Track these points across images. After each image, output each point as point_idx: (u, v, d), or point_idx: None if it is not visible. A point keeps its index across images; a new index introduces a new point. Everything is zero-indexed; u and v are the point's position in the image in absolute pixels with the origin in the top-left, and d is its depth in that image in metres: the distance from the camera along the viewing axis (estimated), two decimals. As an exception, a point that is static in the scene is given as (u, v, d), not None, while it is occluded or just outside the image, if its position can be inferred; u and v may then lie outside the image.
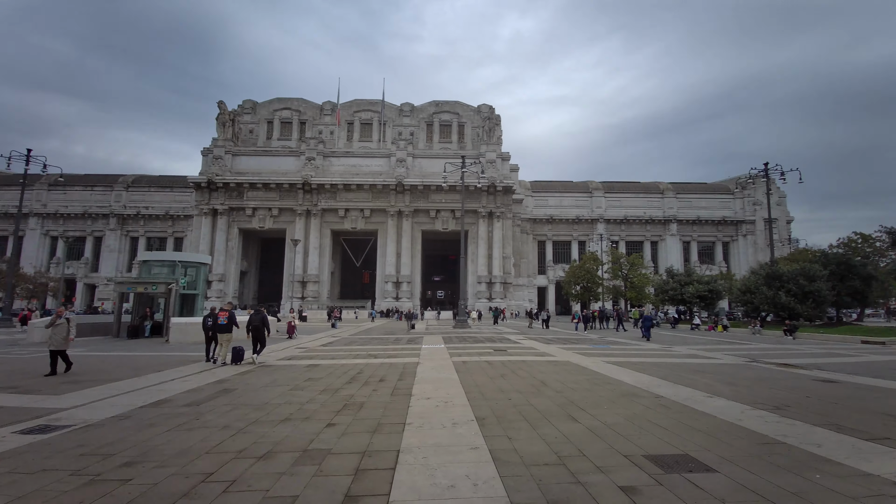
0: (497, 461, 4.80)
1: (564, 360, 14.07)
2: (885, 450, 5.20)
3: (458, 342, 20.56)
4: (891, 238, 36.04)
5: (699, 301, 45.09)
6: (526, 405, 7.64)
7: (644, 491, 4.04)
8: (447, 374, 11.07)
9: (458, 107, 71.07)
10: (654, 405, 7.65)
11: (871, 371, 12.46)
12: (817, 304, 33.58)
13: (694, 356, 15.89)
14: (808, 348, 20.26)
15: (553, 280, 72.06)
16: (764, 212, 62.94)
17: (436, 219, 63.29)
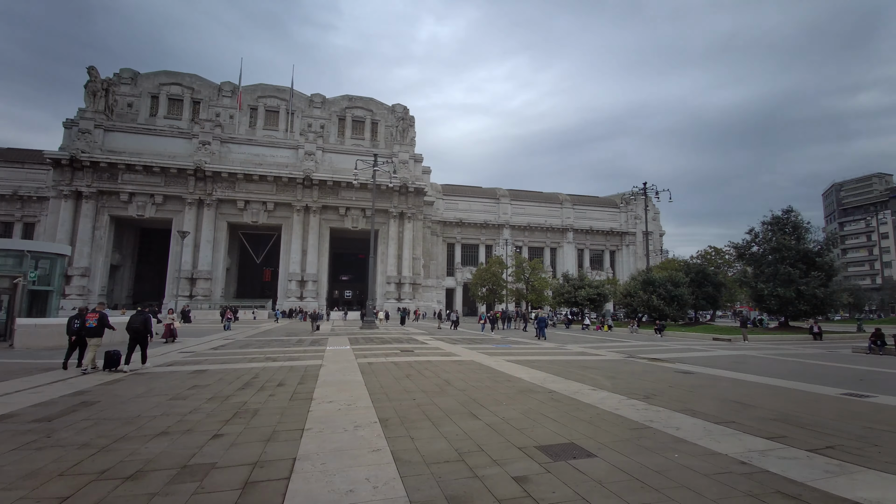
0: (398, 461, 4.78)
1: (469, 359, 14.53)
2: (731, 431, 6.17)
3: (364, 343, 20.15)
4: (736, 252, 43.34)
5: (590, 303, 49.77)
6: (430, 405, 7.73)
7: (534, 479, 4.32)
8: (352, 376, 10.78)
9: (372, 104, 69.60)
10: (547, 399, 8.23)
11: (719, 364, 14.78)
12: (681, 307, 39.19)
13: (583, 353, 17.45)
14: (673, 344, 23.41)
15: (461, 282, 74.20)
16: (643, 225, 71.60)
17: (345, 216, 61.48)
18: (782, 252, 33.60)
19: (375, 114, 68.70)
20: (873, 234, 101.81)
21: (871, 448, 5.43)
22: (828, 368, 14.29)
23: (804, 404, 8.22)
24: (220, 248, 57.59)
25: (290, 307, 54.72)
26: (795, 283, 32.12)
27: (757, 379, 11.35)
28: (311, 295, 58.29)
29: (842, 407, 8.03)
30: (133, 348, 11.51)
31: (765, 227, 36.35)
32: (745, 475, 4.49)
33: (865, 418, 7.10)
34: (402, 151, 63.65)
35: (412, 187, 62.08)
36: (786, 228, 34.86)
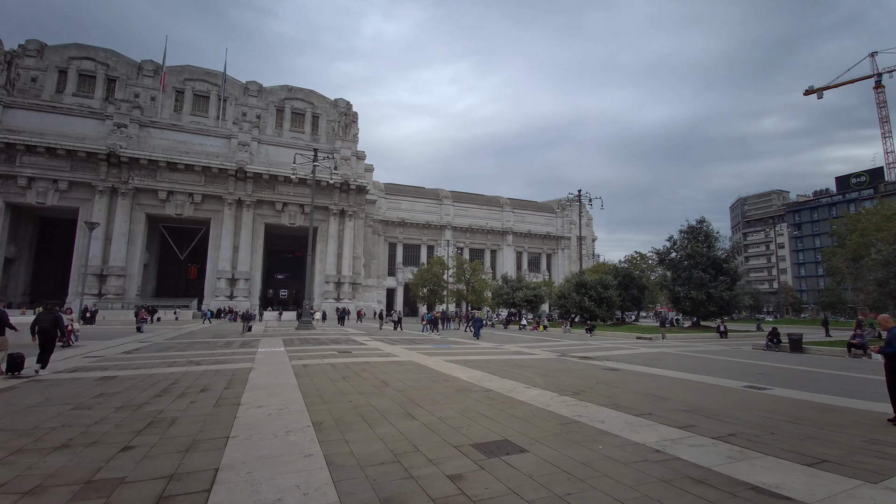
0: (332, 466, 4.63)
1: (408, 360, 14.47)
2: (648, 423, 6.66)
3: (300, 344, 19.38)
4: (658, 257, 47.07)
5: (527, 304, 51.57)
6: (367, 406, 7.59)
7: (469, 476, 4.38)
8: (284, 378, 10.31)
9: (313, 96, 67.06)
10: (484, 398, 8.39)
11: (641, 360, 15.93)
12: (609, 308, 41.84)
13: (519, 353, 18.02)
14: (601, 343, 24.89)
15: (402, 282, 73.82)
16: (577, 230, 75.47)
17: (282, 212, 58.80)
18: (696, 258, 36.96)
19: (317, 107, 66.36)
20: (771, 244, 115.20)
21: (768, 436, 6.11)
22: (732, 364, 15.92)
23: (711, 396, 9.08)
24: (136, 242, 52.69)
25: (219, 307, 51.29)
26: (706, 286, 35.46)
27: (672, 374, 12.38)
28: (243, 294, 55.11)
29: (743, 398, 8.97)
30: (47, 350, 10.46)
31: (682, 236, 39.76)
32: (659, 462, 4.87)
33: (763, 408, 7.98)
34: (345, 148, 62.13)
35: (354, 185, 60.79)
36: (699, 237, 38.38)
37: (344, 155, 61.28)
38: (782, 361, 17.04)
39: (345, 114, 64.59)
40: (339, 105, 66.44)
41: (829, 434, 6.23)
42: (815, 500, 3.93)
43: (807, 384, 11.39)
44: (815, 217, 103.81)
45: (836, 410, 7.95)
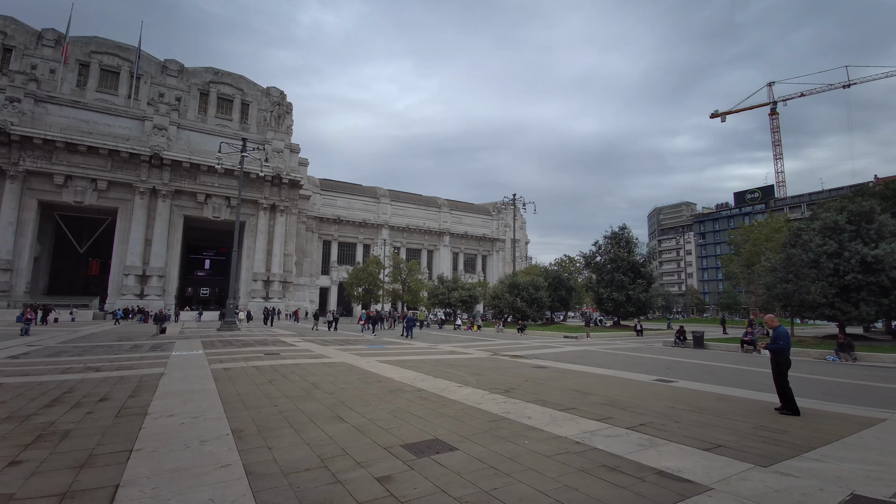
0: (251, 475, 4.36)
1: (340, 361, 14.07)
2: (571, 417, 7.03)
3: (221, 347, 18.11)
4: (585, 261, 50.05)
5: (462, 304, 52.38)
6: (294, 410, 7.26)
7: (397, 478, 4.34)
8: (202, 384, 9.56)
9: (243, 82, 62.55)
10: (416, 398, 8.38)
11: (567, 358, 16.80)
12: (540, 308, 43.71)
13: (453, 352, 18.24)
14: (532, 342, 25.93)
15: (336, 281, 71.77)
16: (511, 233, 78.11)
17: (205, 204, 54.64)
18: (618, 262, 39.79)
19: (247, 94, 62.13)
20: (681, 250, 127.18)
21: (674, 424, 6.70)
22: (645, 359, 17.31)
23: (627, 389, 9.80)
24: (26, 232, 46.30)
25: (127, 306, 46.46)
26: (626, 288, 38.30)
27: (594, 370, 13.21)
28: (156, 292, 50.43)
29: (653, 391, 9.78)
30: None
31: (606, 241, 42.59)
32: (578, 453, 5.16)
33: (669, 399, 8.74)
34: (277, 139, 59.16)
35: (287, 178, 58.06)
36: (621, 243, 41.35)
37: (276, 147, 58.34)
38: (687, 356, 18.85)
39: (278, 103, 61.46)
40: (271, 94, 62.89)
41: (725, 421, 6.98)
42: (711, 481, 4.37)
43: (707, 377, 12.69)
44: (717, 227, 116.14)
45: (730, 400, 8.93)
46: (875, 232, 24.09)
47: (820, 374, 14.11)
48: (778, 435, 6.24)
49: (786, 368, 7.79)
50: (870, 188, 55.56)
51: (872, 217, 24.71)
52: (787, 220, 50.59)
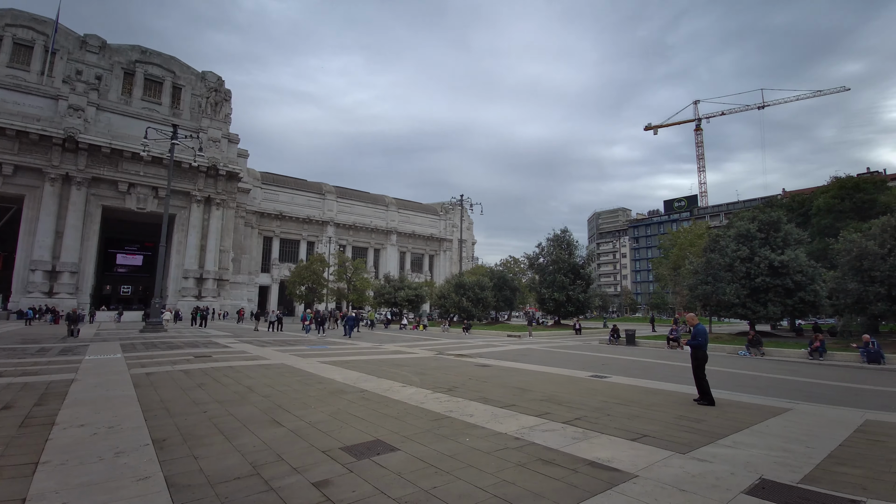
0: (173, 488, 4.04)
1: (279, 363, 13.49)
2: (511, 413, 7.19)
3: (145, 350, 16.72)
4: (528, 262, 51.70)
5: (408, 304, 52.14)
6: (225, 416, 6.83)
7: (335, 481, 4.21)
8: (119, 391, 8.76)
9: (174, 63, 57.77)
10: (358, 399, 8.21)
11: (510, 356, 17.23)
12: (485, 308, 44.55)
13: (398, 352, 18.10)
14: (476, 341, 26.33)
15: (278, 279, 68.77)
16: (458, 233, 78.96)
17: (128, 194, 50.20)
18: (559, 264, 41.45)
19: (179, 77, 57.64)
20: (617, 253, 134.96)
21: (606, 417, 7.06)
22: (583, 356, 18.16)
23: (565, 386, 10.21)
24: None
25: (35, 305, 41.61)
26: (566, 289, 40.00)
27: (535, 368, 13.65)
28: (68, 290, 45.61)
29: (589, 386, 10.27)
30: None
31: (549, 243, 44.23)
32: (517, 448, 5.29)
33: (603, 394, 9.22)
34: (214, 128, 55.68)
35: (224, 170, 54.80)
36: (562, 245, 43.12)
37: (212, 136, 54.89)
38: (621, 353, 20.02)
39: (215, 89, 57.76)
40: (207, 79, 58.87)
41: (651, 413, 7.47)
42: (637, 469, 4.65)
43: (637, 371, 13.54)
44: (648, 232, 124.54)
45: (656, 393, 9.58)
46: (782, 240, 26.91)
47: (733, 368, 15.53)
48: (696, 424, 6.78)
49: (703, 363, 8.48)
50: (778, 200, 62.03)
51: (779, 226, 27.58)
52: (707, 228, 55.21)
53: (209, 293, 53.61)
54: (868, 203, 40.77)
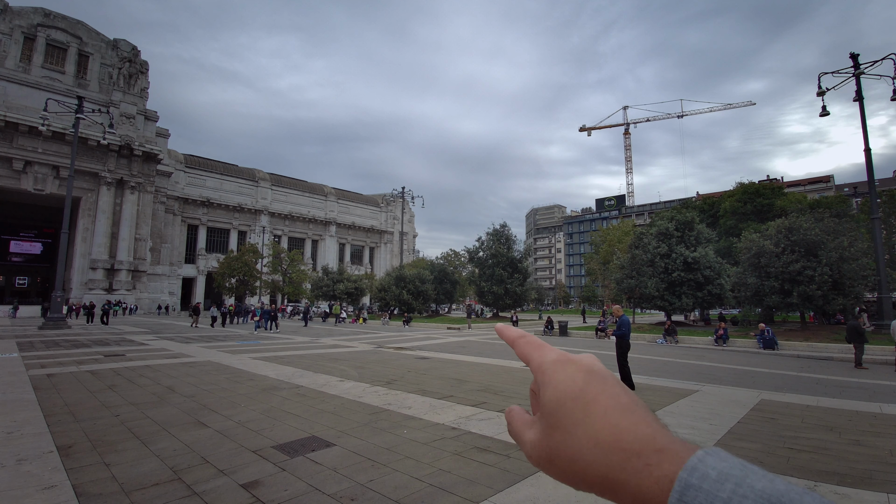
0: (83, 497, 3.69)
1: (204, 360, 12.66)
2: (449, 404, 7.32)
3: (45, 349, 14.95)
4: (469, 256, 52.64)
5: (348, 297, 51.06)
6: (141, 419, 6.31)
7: (266, 481, 4.06)
8: (16, 394, 7.78)
9: (81, 28, 51.18)
10: (293, 395, 7.94)
11: (449, 349, 17.48)
12: (425, 301, 44.73)
13: (336, 346, 17.70)
14: (416, 334, 26.42)
15: (204, 270, 64.27)
16: (400, 226, 78.40)
17: (24, 173, 44.37)
18: (498, 258, 42.63)
19: (87, 44, 51.25)
20: (553, 248, 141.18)
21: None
22: (517, 347, 18.83)
23: (500, 376, 10.57)
24: None
25: None
26: (505, 282, 41.27)
27: (474, 359, 13.98)
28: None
29: (523, 376, 10.71)
30: None
31: (488, 237, 45.30)
32: (453, 438, 5.42)
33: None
34: (128, 102, 50.57)
35: (140, 150, 50.00)
36: (501, 239, 44.35)
37: (126, 111, 49.85)
38: (553, 343, 20.88)
39: (129, 60, 52.19)
40: (120, 47, 52.93)
41: (578, 398, 7.94)
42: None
43: (567, 360, 14.31)
44: (581, 229, 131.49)
45: (583, 379, 10.19)
46: (694, 238, 29.65)
47: (651, 355, 16.94)
48: (618, 407, 7.31)
49: (627, 350, 9.18)
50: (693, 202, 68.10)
51: (693, 226, 30.36)
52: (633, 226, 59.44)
53: (123, 285, 48.87)
54: (767, 207, 46.03)
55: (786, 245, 23.51)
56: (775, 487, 0.30)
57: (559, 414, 0.41)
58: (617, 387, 0.41)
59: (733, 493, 0.30)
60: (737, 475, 0.31)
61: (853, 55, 21.03)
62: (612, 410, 0.39)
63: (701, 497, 0.31)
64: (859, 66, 20.83)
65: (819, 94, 21.86)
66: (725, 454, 0.34)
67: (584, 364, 0.44)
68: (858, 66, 20.85)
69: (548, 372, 0.44)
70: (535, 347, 0.48)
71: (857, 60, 20.92)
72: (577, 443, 0.39)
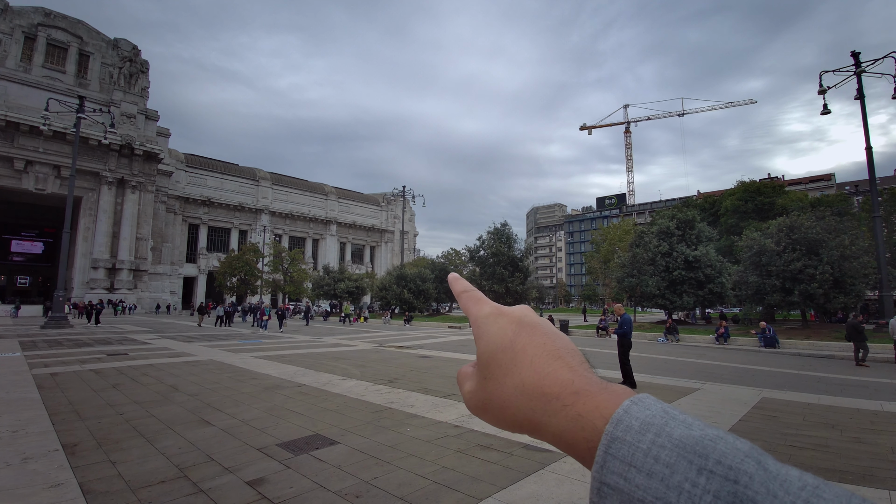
0: (90, 494, 3.72)
1: (207, 359, 12.71)
2: (451, 403, 7.35)
3: (48, 348, 15.01)
4: (470, 254, 52.69)
5: (349, 296, 51.13)
6: (146, 417, 6.35)
7: (271, 479, 4.09)
8: (20, 393, 7.82)
9: (82, 28, 51.11)
10: (296, 394, 7.97)
11: (450, 347, 17.52)
12: (426, 300, 44.81)
13: (338, 345, 17.74)
14: (418, 333, 26.46)
15: (205, 270, 64.35)
16: (400, 225, 78.41)
17: (25, 173, 44.41)
18: (499, 257, 42.64)
19: (88, 44, 51.22)
20: (553, 247, 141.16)
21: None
22: (518, 345, 18.86)
23: (502, 374, 10.59)
24: None
25: None
26: (505, 281, 41.28)
27: (474, 358, 13.98)
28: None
29: (524, 373, 10.72)
30: None
31: (489, 236, 45.29)
32: (456, 436, 5.45)
33: (536, 380, 9.66)
34: (128, 102, 50.58)
35: (141, 149, 50.03)
36: (502, 238, 44.35)
37: (127, 111, 49.88)
38: (554, 342, 21.05)
39: (129, 59, 52.20)
40: (121, 47, 52.92)
41: (579, 396, 7.97)
42: (566, 449, 4.97)
43: (568, 359, 14.33)
44: (582, 228, 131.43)
45: (585, 378, 10.21)
46: (695, 237, 29.64)
47: (652, 353, 16.96)
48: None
49: (628, 349, 9.20)
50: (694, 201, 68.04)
51: (694, 224, 30.34)
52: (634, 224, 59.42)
53: (124, 285, 48.94)
54: (768, 205, 45.99)
55: (787, 243, 23.50)
56: (691, 434, 0.31)
57: (491, 365, 0.44)
58: (545, 336, 0.43)
59: (652, 443, 0.31)
60: (657, 424, 0.32)
61: (854, 53, 21.01)
62: (537, 358, 0.41)
63: (624, 449, 0.32)
64: (860, 64, 20.81)
65: (820, 91, 21.84)
66: (651, 401, 0.35)
67: (515, 315, 0.46)
68: (860, 64, 20.82)
69: (482, 325, 0.46)
70: (474, 302, 0.50)
71: (859, 58, 20.90)
72: (506, 391, 0.41)
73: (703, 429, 0.32)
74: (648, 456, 0.31)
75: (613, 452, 0.32)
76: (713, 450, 0.30)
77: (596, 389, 0.38)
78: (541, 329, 0.44)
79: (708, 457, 0.30)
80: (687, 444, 0.30)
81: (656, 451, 0.30)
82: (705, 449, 0.30)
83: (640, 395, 0.36)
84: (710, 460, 0.30)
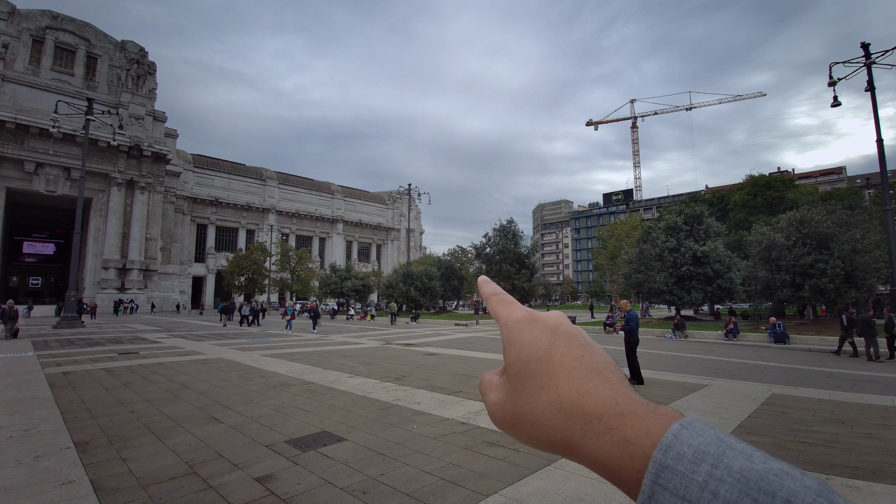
0: (101, 491, 3.78)
1: (216, 357, 12.84)
2: (458, 400, 7.37)
3: (60, 347, 15.24)
4: (476, 252, 52.66)
5: (355, 294, 51.35)
6: (156, 415, 6.43)
7: (279, 475, 4.13)
8: (32, 392, 7.96)
9: (89, 31, 51.44)
10: (304, 391, 8.04)
11: (456, 345, 17.54)
12: (433, 297, 44.90)
13: (345, 343, 17.83)
14: (424, 330, 26.51)
15: (214, 269, 64.95)
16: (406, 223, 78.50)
17: (36, 175, 44.99)
18: (505, 254, 42.58)
19: (95, 46, 51.60)
20: (560, 244, 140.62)
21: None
22: (525, 342, 18.83)
23: (508, 371, 10.59)
24: None
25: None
26: (512, 278, 41.22)
27: (481, 355, 14.02)
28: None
29: (530, 370, 10.72)
30: None
31: (495, 234, 45.23)
32: (463, 433, 5.46)
33: (542, 377, 9.65)
34: (136, 103, 51.01)
35: (149, 151, 50.47)
36: (508, 235, 44.27)
37: (135, 112, 50.32)
38: (560, 339, 20.99)
39: (137, 61, 52.60)
40: (128, 49, 53.29)
41: (586, 393, 7.94)
42: (573, 446, 4.96)
43: (575, 356, 14.29)
44: (589, 224, 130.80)
45: (591, 374, 10.18)
46: (704, 232, 29.37)
47: (660, 350, 16.86)
48: (627, 402, 7.32)
49: (635, 345, 9.16)
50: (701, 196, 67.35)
51: (702, 219, 30.06)
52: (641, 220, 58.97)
53: (134, 285, 49.51)
54: (777, 199, 45.40)
55: (797, 238, 23.22)
56: (753, 467, 0.28)
57: (523, 377, 0.39)
58: (582, 348, 0.40)
59: (709, 475, 0.28)
60: (713, 453, 0.29)
61: (864, 45, 20.63)
62: (576, 373, 0.37)
63: (676, 480, 0.28)
64: (871, 55, 20.45)
65: (830, 84, 21.49)
66: (702, 426, 0.31)
67: (550, 323, 0.42)
68: (870, 55, 20.46)
69: (514, 331, 0.42)
70: (504, 305, 0.46)
71: (868, 50, 20.54)
72: (539, 407, 0.37)
73: (765, 461, 0.28)
74: (706, 490, 0.27)
75: (663, 483, 0.29)
76: (780, 487, 0.26)
77: (644, 412, 0.34)
78: (578, 340, 0.40)
79: (775, 495, 0.26)
80: (750, 480, 0.27)
81: (714, 486, 0.27)
82: (771, 486, 0.26)
83: (689, 418, 0.32)
84: (778, 499, 0.26)
